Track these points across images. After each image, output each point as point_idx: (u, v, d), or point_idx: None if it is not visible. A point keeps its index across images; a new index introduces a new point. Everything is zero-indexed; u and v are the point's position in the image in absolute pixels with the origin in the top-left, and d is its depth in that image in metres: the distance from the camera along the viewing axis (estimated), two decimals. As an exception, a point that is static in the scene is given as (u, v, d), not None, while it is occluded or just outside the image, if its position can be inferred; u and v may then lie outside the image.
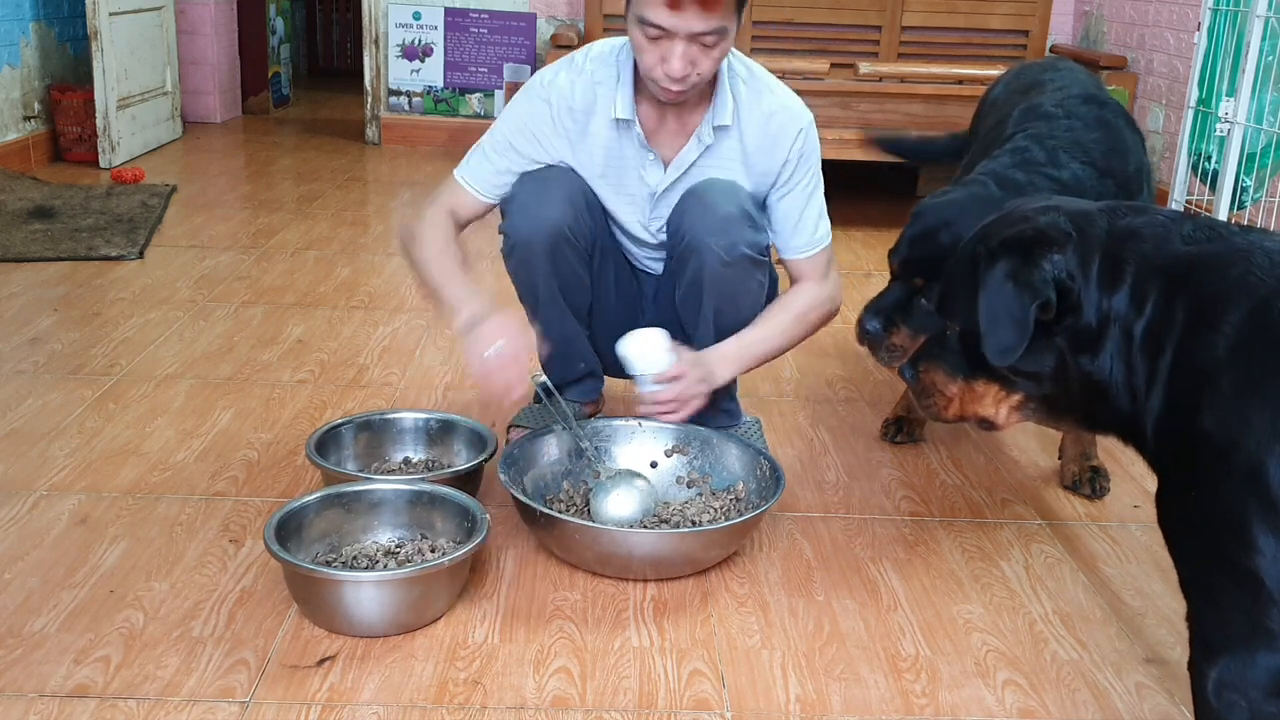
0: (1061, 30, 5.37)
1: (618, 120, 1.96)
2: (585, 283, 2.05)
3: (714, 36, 1.77)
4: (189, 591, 1.71)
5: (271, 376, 2.58)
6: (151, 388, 2.48)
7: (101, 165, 4.71)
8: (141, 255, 3.47)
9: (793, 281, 2.08)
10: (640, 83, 1.94)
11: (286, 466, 2.13)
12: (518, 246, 1.98)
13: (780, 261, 2.09)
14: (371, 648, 1.59)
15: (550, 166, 2.00)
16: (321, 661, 1.56)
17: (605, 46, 2.01)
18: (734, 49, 1.94)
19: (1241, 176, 2.58)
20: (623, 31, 1.91)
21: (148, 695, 1.47)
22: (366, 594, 1.60)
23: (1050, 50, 5.16)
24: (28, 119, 4.70)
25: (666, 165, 1.99)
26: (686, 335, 2.05)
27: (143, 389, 2.46)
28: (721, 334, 2.00)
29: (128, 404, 2.38)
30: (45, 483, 2.03)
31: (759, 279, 2.01)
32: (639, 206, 2.04)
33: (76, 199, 4.06)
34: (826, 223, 2.07)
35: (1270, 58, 2.49)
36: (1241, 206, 2.62)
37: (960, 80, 4.16)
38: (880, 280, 3.58)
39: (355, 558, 1.76)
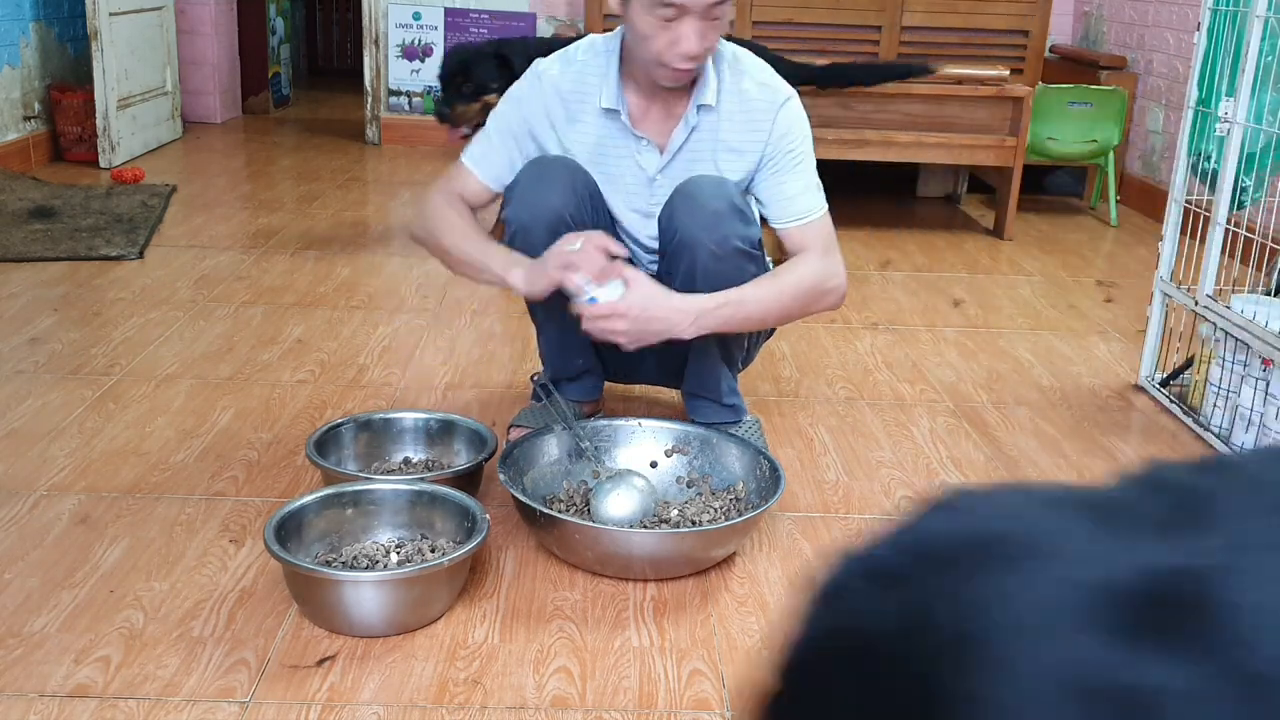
0: (1061, 30, 5.37)
1: (605, 110, 2.01)
2: None
3: (722, 7, 1.85)
4: (189, 591, 1.71)
5: (271, 376, 2.58)
6: (151, 388, 2.48)
7: (101, 165, 4.71)
8: (141, 255, 3.47)
9: (793, 252, 2.04)
10: (626, 73, 2.00)
11: (286, 466, 2.13)
12: (518, 233, 2.00)
13: (780, 259, 2.09)
14: (371, 648, 1.59)
15: (554, 156, 2.03)
16: (321, 661, 1.56)
17: (599, 40, 2.07)
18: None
19: (1241, 176, 2.58)
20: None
21: (148, 695, 1.47)
22: (366, 594, 1.60)
23: (1050, 50, 5.16)
24: (28, 119, 4.70)
25: (662, 150, 2.04)
26: None
27: (143, 389, 2.46)
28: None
29: (128, 404, 2.38)
30: (45, 483, 2.03)
31: (752, 271, 2.00)
32: (637, 193, 2.06)
33: (76, 199, 4.06)
34: (821, 196, 2.06)
35: (1270, 58, 2.49)
36: (1241, 206, 2.62)
37: (960, 80, 4.16)
38: (881, 280, 3.59)
39: (355, 558, 1.76)
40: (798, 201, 2.03)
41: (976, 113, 4.13)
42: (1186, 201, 2.69)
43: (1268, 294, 2.51)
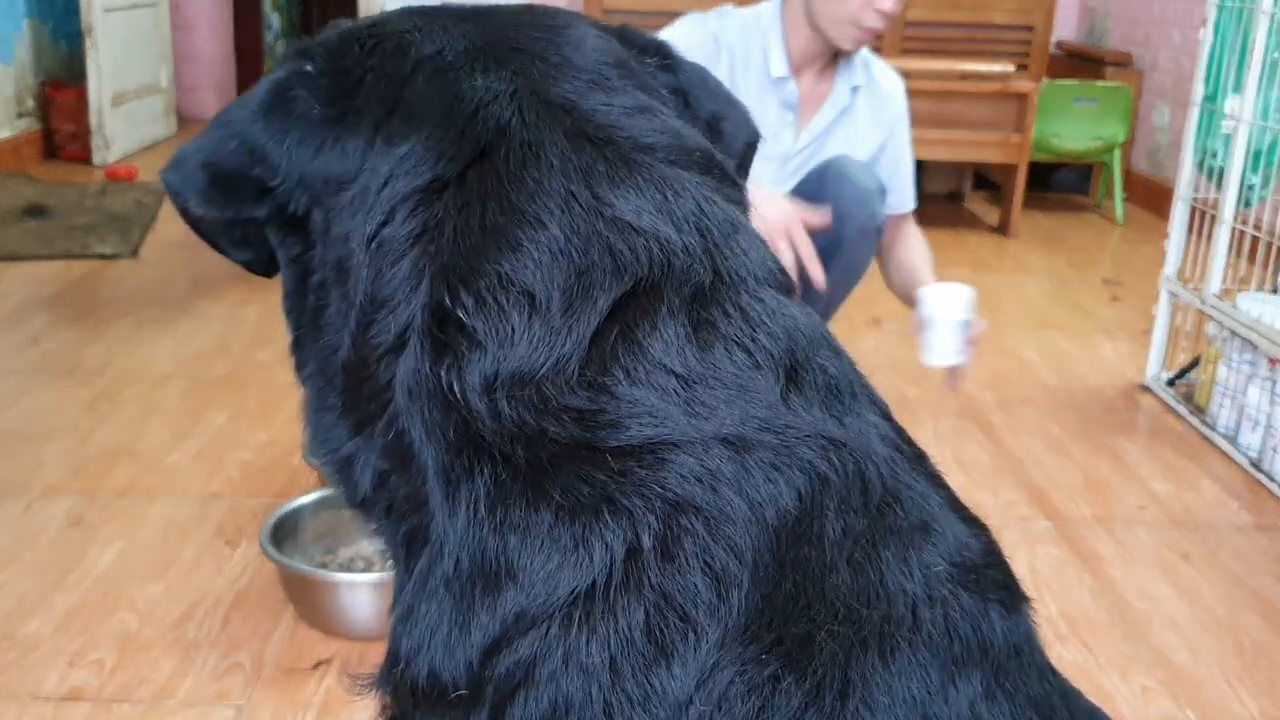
0: (1066, 26, 5.35)
1: (774, 79, 2.01)
2: None
3: None
4: (184, 594, 1.69)
5: (267, 376, 2.55)
6: (146, 388, 2.45)
7: (95, 163, 4.68)
8: (135, 254, 3.44)
9: (896, 237, 2.14)
10: (792, 45, 2.01)
11: (282, 467, 2.11)
12: None
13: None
14: (368, 650, 1.57)
15: None
16: (317, 665, 1.54)
17: (751, 10, 2.06)
18: None
19: (1248, 174, 2.55)
20: None
21: (142, 699, 1.45)
22: (363, 596, 1.58)
23: (1055, 46, 5.13)
24: (21, 116, 4.67)
25: (800, 130, 2.07)
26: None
27: (137, 389, 2.44)
28: (829, 297, 2.02)
29: (122, 404, 2.36)
30: (39, 485, 2.00)
31: (874, 249, 2.10)
32: (772, 166, 2.08)
33: (70, 197, 4.03)
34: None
35: (1276, 54, 2.46)
36: (1248, 204, 2.60)
37: (964, 76, 4.13)
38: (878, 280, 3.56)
39: (352, 560, 1.74)
40: (909, 189, 2.16)
41: (981, 109, 4.11)
42: (1193, 199, 2.67)
43: (1274, 292, 2.49)
